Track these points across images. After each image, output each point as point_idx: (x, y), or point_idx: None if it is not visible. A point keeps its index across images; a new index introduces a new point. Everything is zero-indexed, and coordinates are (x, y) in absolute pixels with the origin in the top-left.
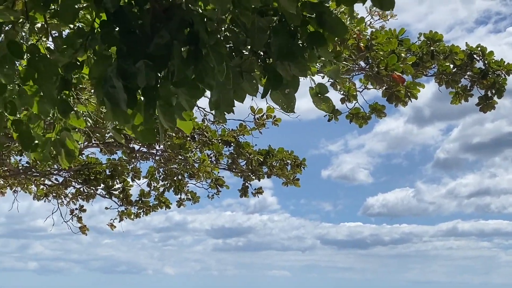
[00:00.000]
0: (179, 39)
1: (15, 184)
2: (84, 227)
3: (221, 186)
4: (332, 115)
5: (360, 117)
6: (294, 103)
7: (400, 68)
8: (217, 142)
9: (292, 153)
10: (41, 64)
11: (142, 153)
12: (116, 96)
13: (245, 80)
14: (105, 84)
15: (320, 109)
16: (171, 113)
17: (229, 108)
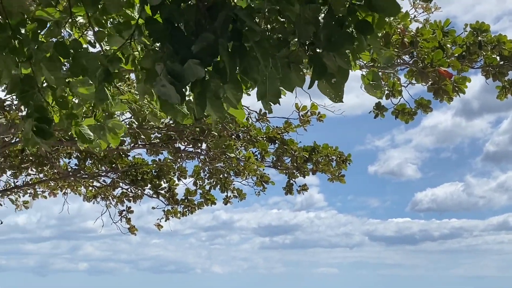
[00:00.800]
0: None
1: (65, 186)
2: (133, 228)
3: (266, 182)
4: (378, 111)
5: (406, 113)
6: (342, 92)
7: (446, 63)
8: (262, 139)
9: (337, 149)
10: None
11: (188, 153)
12: (167, 94)
13: (292, 70)
14: (156, 84)
15: (372, 96)
16: (220, 104)
17: (275, 98)
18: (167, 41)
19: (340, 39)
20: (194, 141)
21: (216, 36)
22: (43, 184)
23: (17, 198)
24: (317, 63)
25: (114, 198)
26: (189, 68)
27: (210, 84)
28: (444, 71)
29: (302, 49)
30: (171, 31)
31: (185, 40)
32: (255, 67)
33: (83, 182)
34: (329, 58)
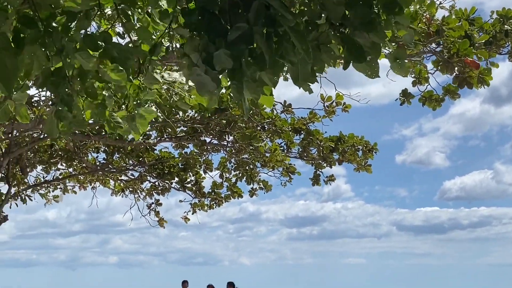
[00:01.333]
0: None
1: (93, 180)
2: (161, 220)
3: (293, 173)
4: (404, 98)
5: (433, 99)
6: (378, 68)
7: (473, 53)
8: (287, 130)
9: (363, 139)
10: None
11: (213, 145)
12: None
13: (323, 52)
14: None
15: (398, 74)
16: (255, 86)
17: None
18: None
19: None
20: (219, 133)
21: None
22: (72, 178)
23: (47, 193)
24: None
25: (142, 192)
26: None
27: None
28: (470, 61)
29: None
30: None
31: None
32: (290, 50)
33: (111, 176)
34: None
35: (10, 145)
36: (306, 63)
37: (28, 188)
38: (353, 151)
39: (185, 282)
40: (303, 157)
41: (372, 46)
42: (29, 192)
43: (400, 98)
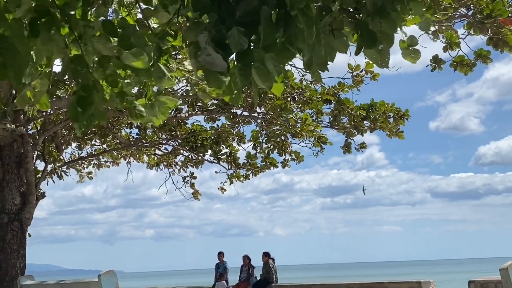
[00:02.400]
0: (269, 3)
1: (128, 156)
2: (196, 193)
3: (324, 143)
4: (435, 64)
5: (464, 64)
6: (388, 58)
7: (507, 12)
8: (317, 100)
9: (394, 106)
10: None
11: (244, 117)
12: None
13: (335, 38)
14: (201, 54)
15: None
16: (267, 73)
17: (323, 67)
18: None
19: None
20: (250, 105)
21: (260, 2)
22: (106, 154)
23: (81, 169)
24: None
25: (176, 165)
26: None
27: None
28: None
29: (345, 16)
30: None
31: (230, 7)
32: (299, 36)
33: (145, 150)
34: (374, 24)
35: (45, 123)
36: (319, 49)
37: (63, 165)
38: (384, 118)
39: (221, 253)
40: (334, 126)
41: (384, 35)
42: (65, 168)
43: (431, 64)
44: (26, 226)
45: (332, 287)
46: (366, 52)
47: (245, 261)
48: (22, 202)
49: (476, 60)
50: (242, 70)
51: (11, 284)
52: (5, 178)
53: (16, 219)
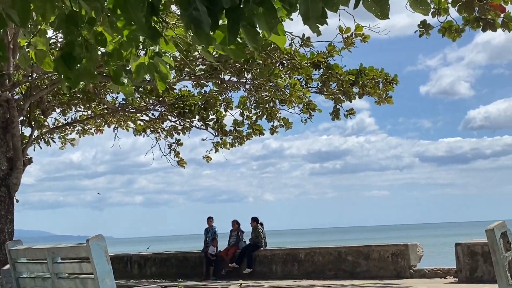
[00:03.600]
0: None
1: (113, 122)
2: (182, 161)
3: (313, 110)
4: (423, 30)
5: (453, 30)
6: (388, 8)
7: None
8: (306, 65)
9: (383, 71)
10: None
11: (232, 83)
12: (199, 19)
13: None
14: (189, 7)
15: (419, 12)
16: (255, 34)
17: (322, 20)
18: None
19: None
20: (238, 71)
21: None
22: (91, 121)
23: (65, 135)
24: None
25: (163, 131)
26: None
27: (244, 10)
28: (496, 4)
29: None
30: None
31: None
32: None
33: (131, 116)
34: None
35: (30, 88)
36: (317, 2)
37: (49, 130)
38: (373, 83)
39: (210, 218)
40: (323, 92)
41: None
42: (51, 134)
43: (420, 29)
44: (13, 191)
45: (320, 251)
46: (365, 3)
47: (234, 226)
48: (9, 167)
49: (465, 25)
50: (230, 27)
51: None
52: None
53: (3, 185)
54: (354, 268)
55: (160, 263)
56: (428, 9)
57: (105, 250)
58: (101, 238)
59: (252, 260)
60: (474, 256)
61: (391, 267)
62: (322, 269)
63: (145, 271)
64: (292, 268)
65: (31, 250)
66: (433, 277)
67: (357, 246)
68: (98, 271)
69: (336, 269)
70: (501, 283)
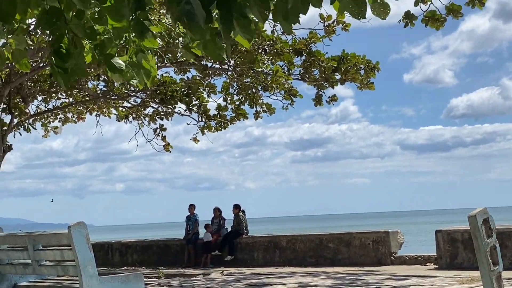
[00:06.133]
0: None
1: (95, 109)
2: (167, 145)
3: (294, 96)
4: (407, 20)
5: (436, 19)
6: (365, 8)
7: None
8: (288, 52)
9: (365, 58)
10: None
11: (215, 70)
12: (192, 12)
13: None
14: (180, 1)
15: (377, 16)
16: (248, 24)
17: (296, 18)
18: None
19: None
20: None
21: None
22: (72, 108)
23: (48, 123)
24: None
25: (146, 117)
26: None
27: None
28: None
29: None
30: None
31: None
32: None
33: (112, 103)
34: None
35: (10, 75)
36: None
37: (30, 117)
38: (355, 70)
39: (192, 205)
40: (305, 79)
41: None
42: (31, 121)
43: (403, 20)
44: None
45: (302, 238)
46: (341, 2)
47: (215, 213)
48: None
49: (448, 15)
50: (223, 19)
51: None
52: None
53: None
54: (335, 255)
55: (141, 250)
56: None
57: (87, 237)
58: (83, 225)
59: (233, 247)
60: (454, 243)
61: (372, 254)
62: (303, 256)
63: (126, 259)
64: (273, 255)
65: (11, 237)
66: (414, 263)
67: (338, 234)
68: (80, 258)
69: (317, 256)
70: (483, 269)
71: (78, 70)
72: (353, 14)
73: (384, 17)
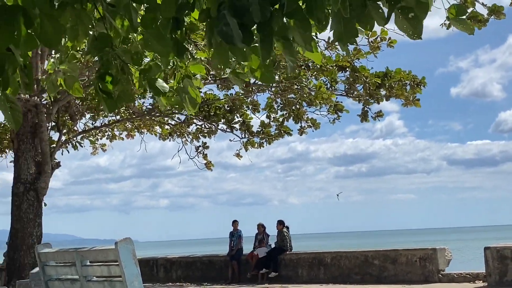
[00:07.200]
0: None
1: (141, 126)
2: (209, 163)
3: (340, 111)
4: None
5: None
6: (421, 28)
7: None
8: (332, 68)
9: (410, 73)
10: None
11: (258, 86)
12: (230, 33)
13: (370, 8)
14: (219, 23)
15: (462, 31)
16: (290, 46)
17: (352, 39)
18: None
19: None
20: None
21: None
22: (120, 126)
23: (96, 140)
24: None
25: (189, 135)
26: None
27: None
28: None
29: None
30: None
31: None
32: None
33: (158, 120)
34: None
35: (58, 93)
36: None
37: (77, 135)
38: (400, 86)
39: (236, 221)
40: (349, 94)
41: (417, 3)
42: (79, 139)
43: (445, 24)
44: (41, 195)
45: (347, 254)
46: (397, 21)
47: (259, 229)
48: (37, 171)
49: (490, 15)
50: (263, 42)
51: (27, 253)
52: (20, 148)
53: (31, 189)
54: (381, 273)
55: (185, 266)
56: (470, 28)
57: (133, 253)
58: (129, 241)
59: (277, 263)
60: (504, 260)
61: (419, 272)
62: (348, 273)
63: (171, 275)
64: (318, 272)
65: (60, 253)
66: (462, 281)
67: (384, 250)
68: (126, 274)
69: (362, 273)
70: None
71: (125, 95)
72: (409, 35)
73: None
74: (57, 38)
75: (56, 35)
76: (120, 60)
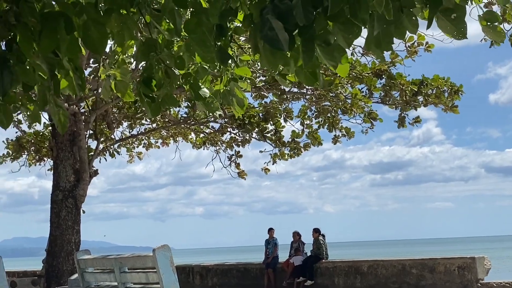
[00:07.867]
0: None
1: (176, 134)
2: (242, 172)
3: (374, 119)
4: (492, 40)
5: None
6: (465, 28)
7: None
8: (368, 75)
9: (448, 80)
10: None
11: (293, 94)
12: (275, 38)
13: (405, 15)
14: (263, 27)
15: (492, 39)
16: (332, 51)
17: (389, 45)
18: None
19: None
20: (299, 81)
21: None
22: (156, 134)
23: (132, 148)
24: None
25: (223, 144)
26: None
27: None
28: None
29: None
30: None
31: None
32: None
33: (193, 128)
34: None
35: (96, 102)
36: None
37: (115, 143)
38: (438, 93)
39: (271, 229)
40: (386, 102)
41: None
42: (116, 147)
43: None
44: (80, 202)
45: (384, 263)
46: (439, 23)
47: (295, 238)
48: (76, 179)
49: None
50: (305, 46)
51: (66, 259)
52: (59, 156)
53: (70, 196)
54: (419, 281)
55: (221, 274)
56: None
57: (171, 260)
58: (167, 248)
59: (313, 272)
60: None
61: (458, 281)
62: (385, 282)
63: (207, 282)
64: (354, 281)
65: (99, 259)
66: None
67: (422, 259)
68: (164, 281)
69: (400, 282)
70: None
71: (168, 99)
72: (453, 36)
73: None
74: (102, 43)
75: (102, 40)
76: (164, 64)
